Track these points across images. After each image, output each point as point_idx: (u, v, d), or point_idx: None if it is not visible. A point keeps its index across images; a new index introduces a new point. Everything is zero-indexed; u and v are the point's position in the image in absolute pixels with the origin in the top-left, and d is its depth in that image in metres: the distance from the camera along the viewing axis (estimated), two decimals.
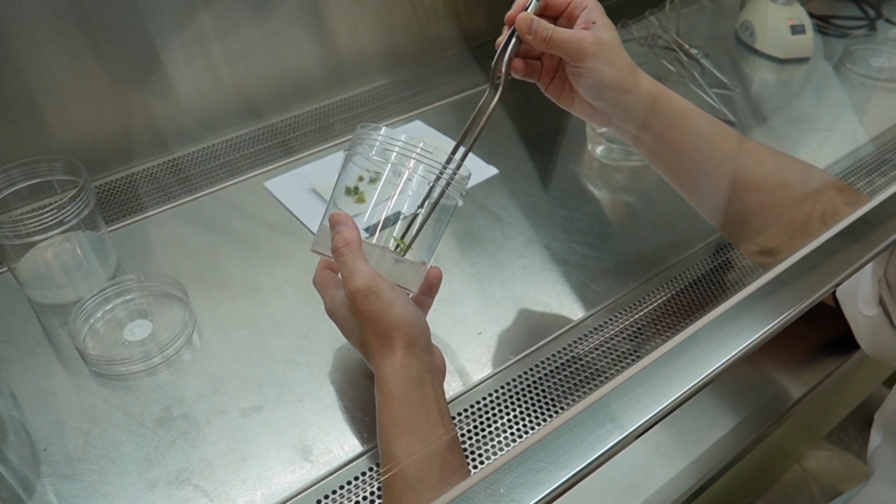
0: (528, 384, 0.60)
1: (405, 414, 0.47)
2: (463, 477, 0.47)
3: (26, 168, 0.69)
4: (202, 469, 0.54)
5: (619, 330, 0.65)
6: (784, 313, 0.48)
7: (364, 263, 0.50)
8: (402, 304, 0.49)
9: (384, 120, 0.94)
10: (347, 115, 0.96)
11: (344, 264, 0.50)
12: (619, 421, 0.41)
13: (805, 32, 1.02)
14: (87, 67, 0.80)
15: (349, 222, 0.52)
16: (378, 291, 0.49)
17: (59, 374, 0.63)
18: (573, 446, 0.43)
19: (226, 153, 0.89)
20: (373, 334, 0.49)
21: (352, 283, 0.49)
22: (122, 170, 0.86)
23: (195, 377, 0.62)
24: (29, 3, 0.74)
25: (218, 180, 0.85)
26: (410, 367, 0.48)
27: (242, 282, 0.71)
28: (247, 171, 0.86)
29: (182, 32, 0.84)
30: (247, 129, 0.92)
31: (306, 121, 0.94)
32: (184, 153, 0.89)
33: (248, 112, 0.93)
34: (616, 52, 0.57)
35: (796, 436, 0.84)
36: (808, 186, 0.61)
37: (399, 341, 0.48)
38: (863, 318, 0.63)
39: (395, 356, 0.48)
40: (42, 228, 0.64)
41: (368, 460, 0.55)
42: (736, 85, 0.97)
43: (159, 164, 0.87)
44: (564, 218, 0.77)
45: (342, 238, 0.51)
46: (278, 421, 0.57)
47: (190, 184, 0.84)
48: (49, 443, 0.57)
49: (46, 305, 0.70)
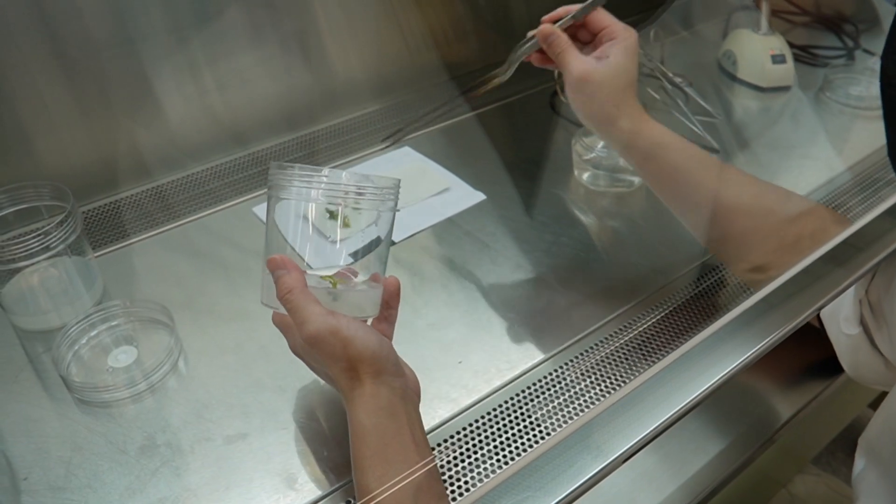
0: (514, 410, 0.60)
1: (378, 444, 0.47)
2: (440, 502, 0.47)
3: (13, 193, 0.68)
4: (185, 498, 0.53)
5: (605, 355, 0.65)
6: (768, 336, 0.48)
7: (314, 305, 0.49)
8: (363, 337, 0.48)
9: (373, 146, 0.95)
10: (337, 142, 0.96)
11: (294, 311, 0.49)
12: (603, 448, 0.41)
13: (786, 62, 1.04)
14: (75, 94, 0.81)
15: (287, 265, 0.51)
16: (335, 331, 0.48)
17: (42, 401, 0.62)
18: (560, 472, 0.43)
19: (213, 179, 0.89)
20: (338, 371, 0.48)
21: (305, 329, 0.48)
22: (110, 195, 0.86)
23: (180, 404, 0.61)
24: (18, 30, 0.74)
25: (205, 206, 0.85)
26: (380, 395, 0.48)
27: (229, 308, 0.71)
28: (234, 198, 0.86)
29: (171, 59, 0.85)
30: (234, 156, 0.92)
31: (294, 147, 0.95)
32: (170, 179, 0.89)
33: (236, 139, 0.93)
34: (605, 89, 0.62)
35: (783, 460, 0.84)
36: (792, 210, 0.63)
37: (366, 373, 0.48)
38: (844, 337, 0.64)
39: (363, 387, 0.48)
40: (28, 254, 0.64)
41: (352, 489, 0.54)
42: (719, 112, 0.99)
43: (146, 191, 0.87)
44: (550, 243, 0.78)
45: (284, 285, 0.50)
46: (263, 448, 0.57)
47: (177, 210, 0.84)
48: (30, 472, 0.56)
49: (31, 331, 0.69)
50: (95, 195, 0.85)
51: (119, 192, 0.86)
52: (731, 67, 1.09)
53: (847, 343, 0.64)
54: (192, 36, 0.85)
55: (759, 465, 0.68)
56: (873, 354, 0.61)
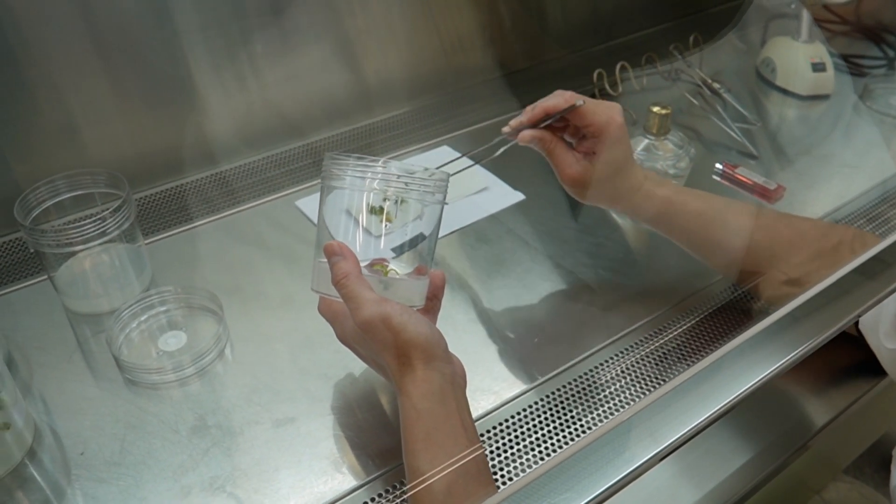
0: (553, 405, 0.61)
1: (429, 428, 0.48)
2: (488, 488, 0.48)
3: (72, 179, 0.71)
4: (236, 477, 0.55)
5: (643, 355, 0.66)
6: (801, 345, 0.49)
7: (368, 291, 0.50)
8: (415, 323, 0.49)
9: (413, 144, 0.97)
10: (378, 139, 0.98)
11: (348, 296, 0.50)
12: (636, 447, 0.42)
13: (826, 70, 1.04)
14: (128, 88, 0.83)
15: (344, 251, 0.52)
16: (388, 317, 0.49)
17: (95, 381, 0.64)
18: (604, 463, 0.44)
19: (255, 173, 0.91)
20: (391, 357, 0.50)
21: (360, 314, 0.49)
22: (158, 185, 0.88)
23: (229, 388, 0.63)
24: (72, 29, 0.77)
25: (248, 198, 0.87)
26: (432, 381, 0.49)
27: (275, 297, 0.72)
28: (278, 191, 0.88)
29: (218, 58, 0.87)
30: (277, 151, 0.94)
31: (338, 143, 0.97)
32: (221, 170, 0.91)
33: (281, 135, 0.95)
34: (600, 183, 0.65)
35: (818, 467, 0.84)
36: (810, 238, 0.65)
37: (418, 359, 0.49)
38: (886, 350, 0.64)
39: (415, 372, 0.49)
40: (84, 239, 0.66)
41: (397, 474, 0.56)
42: (757, 119, 0.99)
43: (194, 181, 0.89)
44: (591, 244, 0.79)
45: (340, 270, 0.51)
46: (311, 433, 0.59)
47: (225, 200, 0.86)
48: (86, 447, 0.58)
49: (81, 314, 0.71)
50: (144, 184, 0.88)
51: (167, 182, 0.89)
52: (770, 75, 1.09)
53: (890, 356, 0.64)
54: (238, 35, 0.87)
55: (794, 471, 0.68)
56: None
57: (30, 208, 0.69)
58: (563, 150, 0.64)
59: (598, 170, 0.63)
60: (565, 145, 0.65)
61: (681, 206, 0.66)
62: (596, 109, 0.62)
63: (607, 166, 0.63)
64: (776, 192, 0.86)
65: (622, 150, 0.64)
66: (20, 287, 0.74)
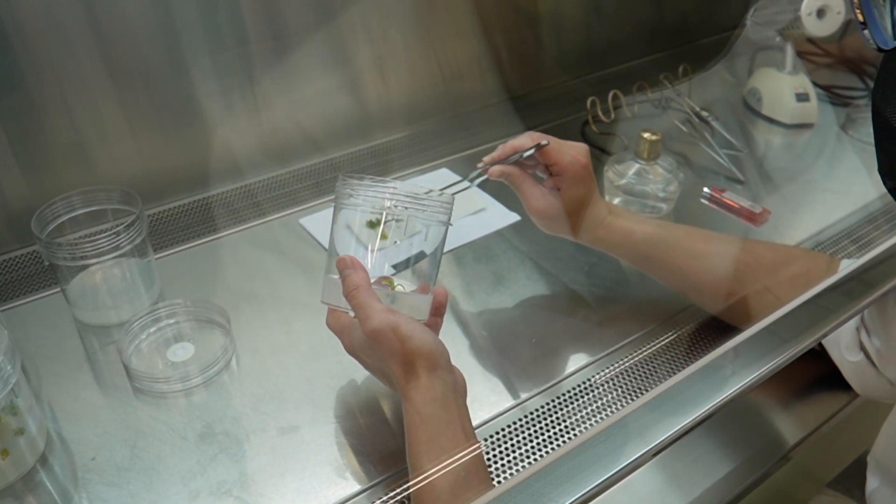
0: (549, 415, 0.64)
1: (432, 431, 0.51)
2: (486, 485, 0.51)
3: (86, 196, 0.73)
4: (243, 482, 0.57)
5: (633, 365, 0.69)
6: (772, 361, 0.52)
7: (377, 302, 0.54)
8: (420, 334, 0.53)
9: (412, 167, 1.00)
10: (379, 161, 1.01)
11: (359, 306, 0.54)
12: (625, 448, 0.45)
13: (809, 100, 1.08)
14: (138, 108, 0.86)
15: (355, 264, 0.56)
16: (396, 326, 0.52)
17: (104, 390, 0.67)
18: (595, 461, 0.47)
19: (261, 192, 0.94)
20: (397, 365, 0.53)
21: (369, 323, 0.53)
22: (166, 202, 0.91)
23: (235, 398, 0.65)
24: (85, 52, 0.80)
25: (254, 217, 0.90)
26: (435, 388, 0.52)
27: (280, 310, 0.75)
28: (282, 210, 0.91)
29: (224, 81, 0.90)
30: (281, 171, 0.98)
31: (340, 165, 1.00)
32: (226, 189, 0.94)
33: (285, 157, 0.99)
34: (565, 217, 0.69)
35: (800, 479, 0.86)
36: (770, 261, 0.70)
37: (422, 367, 0.52)
38: (848, 363, 0.67)
39: (419, 380, 0.52)
40: (97, 253, 0.69)
41: (398, 479, 0.58)
42: (744, 146, 1.03)
43: (200, 200, 0.92)
44: (584, 263, 0.82)
45: (352, 282, 0.55)
46: (314, 440, 0.61)
47: (230, 218, 0.89)
48: (97, 452, 0.60)
49: (91, 325, 0.74)
50: (154, 201, 0.91)
51: (175, 200, 0.92)
52: (757, 104, 1.13)
53: (852, 368, 0.67)
54: (238, 59, 0.91)
55: (777, 481, 0.70)
56: (878, 377, 0.65)
57: (46, 222, 0.71)
58: (531, 185, 0.69)
59: (562, 204, 0.68)
60: (532, 180, 0.69)
61: (640, 234, 0.70)
62: (561, 149, 0.68)
63: (570, 202, 0.68)
64: (762, 216, 0.89)
65: (585, 188, 0.68)
66: (33, 299, 0.77)
